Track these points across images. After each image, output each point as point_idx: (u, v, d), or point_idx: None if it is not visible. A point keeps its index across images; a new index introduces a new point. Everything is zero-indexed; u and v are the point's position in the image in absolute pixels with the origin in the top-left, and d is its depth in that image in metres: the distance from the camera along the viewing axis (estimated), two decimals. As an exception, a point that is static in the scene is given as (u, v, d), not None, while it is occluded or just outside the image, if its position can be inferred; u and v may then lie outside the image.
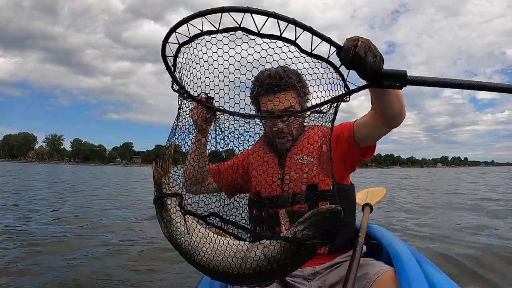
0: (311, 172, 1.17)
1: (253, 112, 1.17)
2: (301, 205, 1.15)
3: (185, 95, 0.85)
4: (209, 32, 0.68)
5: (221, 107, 0.91)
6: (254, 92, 1.16)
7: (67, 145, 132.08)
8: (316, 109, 0.88)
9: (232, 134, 0.96)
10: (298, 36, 0.66)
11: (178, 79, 0.82)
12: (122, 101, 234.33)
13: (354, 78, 0.74)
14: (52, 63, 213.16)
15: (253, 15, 0.63)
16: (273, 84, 1.11)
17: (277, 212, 1.13)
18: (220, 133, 0.97)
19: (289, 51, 0.71)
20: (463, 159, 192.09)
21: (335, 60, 0.71)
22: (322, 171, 1.16)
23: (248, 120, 0.95)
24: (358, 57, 0.67)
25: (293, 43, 0.67)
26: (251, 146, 1.11)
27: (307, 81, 1.15)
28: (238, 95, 0.83)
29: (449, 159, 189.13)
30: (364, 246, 1.20)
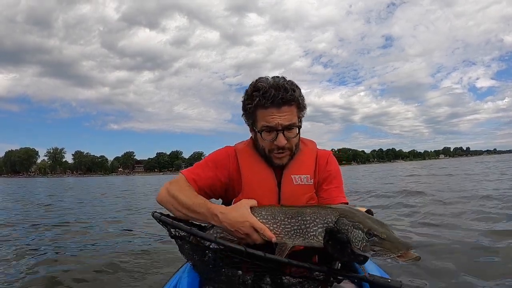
0: (307, 194, 1.14)
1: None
2: None
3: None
4: None
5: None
6: (254, 103, 1.07)
7: (68, 158, 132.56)
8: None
9: None
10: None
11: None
12: (122, 110, 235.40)
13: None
14: (49, 76, 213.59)
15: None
16: (280, 97, 1.03)
17: None
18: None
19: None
20: (465, 149, 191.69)
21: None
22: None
23: None
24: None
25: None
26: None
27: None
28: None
29: (451, 150, 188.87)
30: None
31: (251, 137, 1.21)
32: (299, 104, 1.09)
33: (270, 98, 1.03)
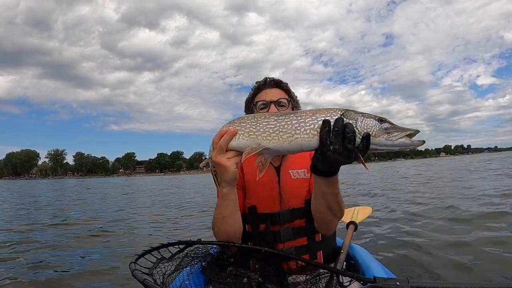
0: (306, 188, 1.20)
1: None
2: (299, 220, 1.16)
3: None
4: None
5: None
6: (253, 92, 1.31)
7: (69, 159, 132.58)
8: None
9: None
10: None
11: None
12: (122, 111, 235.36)
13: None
14: (49, 78, 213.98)
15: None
16: (271, 79, 1.30)
17: (279, 229, 1.16)
18: None
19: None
20: (466, 146, 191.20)
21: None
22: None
23: None
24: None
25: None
26: None
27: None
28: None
29: (452, 147, 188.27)
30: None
31: None
32: (289, 93, 1.30)
33: (263, 81, 1.30)
